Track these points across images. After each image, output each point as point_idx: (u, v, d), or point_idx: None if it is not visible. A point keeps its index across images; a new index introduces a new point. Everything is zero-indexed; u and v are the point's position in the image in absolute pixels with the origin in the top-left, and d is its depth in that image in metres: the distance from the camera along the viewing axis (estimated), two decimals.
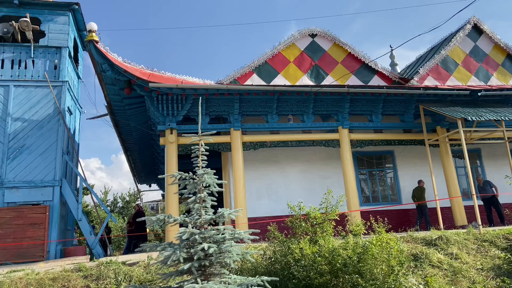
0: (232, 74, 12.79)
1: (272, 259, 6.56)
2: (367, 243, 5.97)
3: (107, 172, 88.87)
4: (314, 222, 6.78)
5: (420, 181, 12.72)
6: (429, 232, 9.08)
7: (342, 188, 11.89)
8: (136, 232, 13.54)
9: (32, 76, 12.03)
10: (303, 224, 6.76)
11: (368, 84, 13.54)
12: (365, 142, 12.64)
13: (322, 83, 13.09)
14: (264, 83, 12.86)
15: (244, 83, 12.61)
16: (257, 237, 4.99)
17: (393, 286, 5.60)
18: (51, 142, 11.53)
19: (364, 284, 5.55)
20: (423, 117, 12.52)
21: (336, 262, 5.83)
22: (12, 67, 11.98)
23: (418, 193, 12.51)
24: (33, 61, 12.17)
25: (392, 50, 17.67)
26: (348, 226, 7.40)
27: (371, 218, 7.07)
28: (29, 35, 12.01)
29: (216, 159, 13.86)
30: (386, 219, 7.16)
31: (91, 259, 9.34)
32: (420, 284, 6.52)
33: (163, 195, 23.91)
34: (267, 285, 4.43)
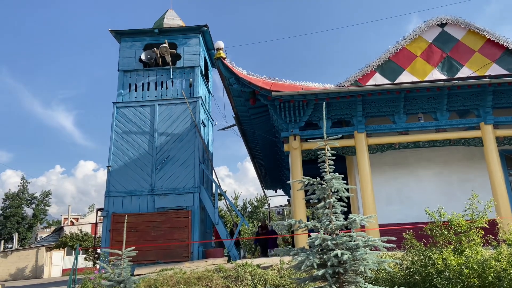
0: (352, 75, 12.46)
1: (411, 269, 6.13)
2: None
3: (234, 179, 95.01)
4: (458, 230, 6.14)
5: None
6: None
7: (488, 192, 10.50)
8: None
9: (172, 95, 13.65)
10: (445, 232, 6.17)
11: None
12: None
13: (457, 76, 11.84)
14: (388, 82, 12.21)
15: (366, 84, 12.17)
16: (393, 245, 4.71)
17: None
18: (189, 153, 12.87)
19: None
20: None
21: (487, 275, 5.26)
22: (156, 88, 13.79)
23: None
24: (172, 82, 13.81)
25: None
26: (500, 234, 6.49)
27: None
28: (168, 58, 13.68)
29: (341, 163, 13.58)
30: None
31: (228, 261, 10.03)
32: None
33: (288, 200, 24.46)
34: None
